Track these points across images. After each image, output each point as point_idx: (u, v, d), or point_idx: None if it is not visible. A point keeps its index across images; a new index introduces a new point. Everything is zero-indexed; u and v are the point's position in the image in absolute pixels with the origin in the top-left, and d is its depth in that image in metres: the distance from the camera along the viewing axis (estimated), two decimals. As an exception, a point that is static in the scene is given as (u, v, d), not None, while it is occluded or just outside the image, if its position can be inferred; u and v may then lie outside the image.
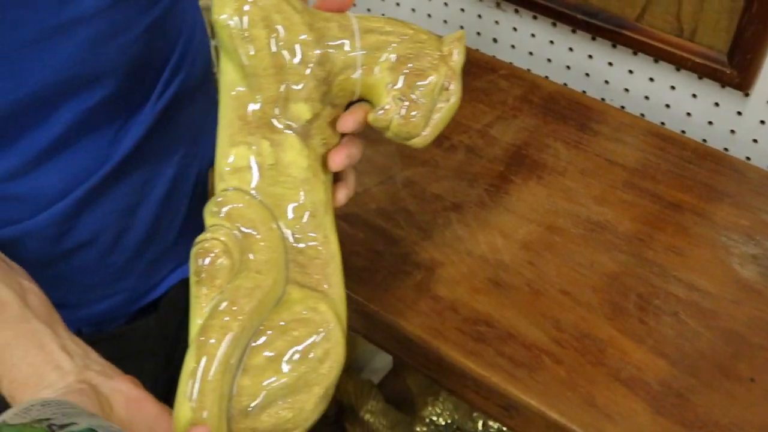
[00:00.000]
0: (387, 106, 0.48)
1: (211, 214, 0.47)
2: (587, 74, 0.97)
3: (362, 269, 0.73)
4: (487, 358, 0.66)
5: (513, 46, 1.01)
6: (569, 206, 0.78)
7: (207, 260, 0.45)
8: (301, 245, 0.48)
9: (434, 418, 1.23)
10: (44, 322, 0.56)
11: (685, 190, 0.80)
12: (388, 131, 0.49)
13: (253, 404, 0.44)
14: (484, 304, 0.70)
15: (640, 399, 0.64)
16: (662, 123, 0.93)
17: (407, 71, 0.47)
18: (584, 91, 0.97)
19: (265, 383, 0.45)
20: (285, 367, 0.45)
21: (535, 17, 0.97)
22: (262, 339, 0.45)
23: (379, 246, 0.75)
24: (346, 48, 0.47)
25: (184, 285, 0.86)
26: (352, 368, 1.40)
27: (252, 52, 0.46)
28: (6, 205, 0.70)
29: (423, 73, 0.47)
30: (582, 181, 0.81)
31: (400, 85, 0.47)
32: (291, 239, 0.48)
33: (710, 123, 0.90)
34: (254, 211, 0.47)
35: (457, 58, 0.49)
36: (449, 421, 1.23)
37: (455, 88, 0.49)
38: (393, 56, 0.48)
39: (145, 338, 0.84)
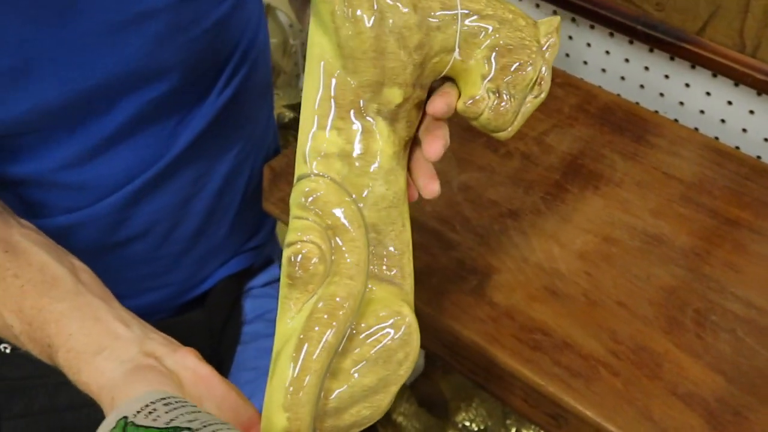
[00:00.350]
0: (478, 97, 0.45)
1: (299, 205, 0.45)
2: (642, 86, 0.97)
3: (418, 272, 0.72)
4: (543, 367, 0.66)
5: (567, 55, 1.01)
6: (626, 218, 0.78)
7: (302, 266, 0.44)
8: (381, 237, 0.47)
9: (467, 424, 1.23)
10: (97, 295, 0.57)
11: (742, 206, 0.79)
12: (475, 121, 0.47)
13: (338, 406, 0.45)
14: (540, 312, 0.70)
15: (697, 415, 0.64)
16: (716, 138, 0.93)
17: (505, 63, 0.45)
18: (638, 103, 0.97)
19: (351, 386, 0.45)
20: (369, 371, 0.45)
21: (592, 26, 0.96)
22: (350, 343, 0.45)
23: (434, 249, 0.75)
24: (446, 31, 0.45)
25: (231, 280, 0.87)
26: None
27: (353, 34, 0.43)
28: (66, 193, 0.71)
29: (520, 68, 0.45)
30: (638, 193, 0.80)
31: (495, 76, 0.45)
32: (372, 232, 0.47)
33: (766, 140, 0.90)
34: (346, 207, 0.45)
35: (552, 50, 0.47)
36: (482, 427, 1.22)
37: (546, 83, 0.47)
38: (492, 45, 0.45)
39: (191, 332, 0.85)
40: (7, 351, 0.80)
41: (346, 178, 0.46)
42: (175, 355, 0.52)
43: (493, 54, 0.45)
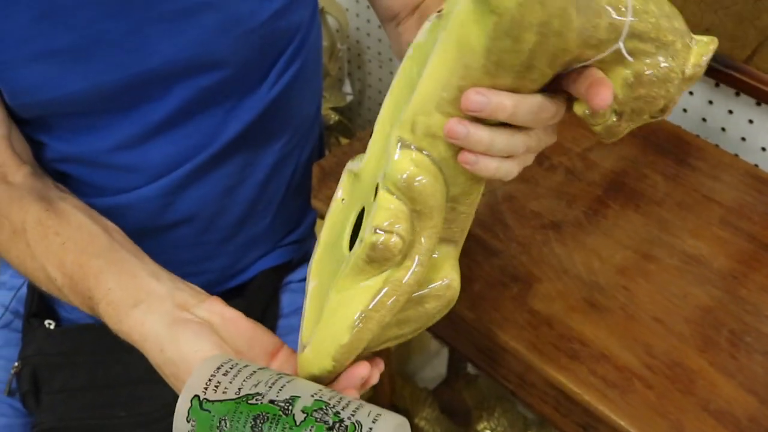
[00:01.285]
0: (601, 112, 0.43)
1: (397, 181, 0.44)
2: (685, 110, 0.99)
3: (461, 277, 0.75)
4: (580, 376, 0.68)
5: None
6: (665, 237, 0.80)
7: (384, 255, 0.45)
8: (457, 205, 0.48)
9: (488, 432, 1.24)
10: (130, 252, 0.61)
11: (780, 233, 0.81)
12: (591, 125, 0.46)
13: (369, 347, 0.50)
14: (578, 322, 0.72)
15: (729, 432, 0.65)
16: (756, 165, 0.94)
17: (641, 94, 0.43)
18: (680, 126, 0.98)
19: (388, 335, 0.50)
20: (408, 327, 0.50)
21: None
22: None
23: (477, 256, 0.77)
24: (601, 49, 0.41)
25: (271, 273, 0.89)
26: (406, 374, 1.42)
27: (509, 50, 0.40)
28: (117, 174, 0.74)
29: (653, 100, 0.43)
30: (678, 214, 0.82)
31: (625, 101, 0.43)
32: (450, 202, 0.47)
33: (806, 170, 0.91)
34: (438, 194, 0.45)
35: (695, 76, 0.44)
36: (502, 437, 1.24)
37: (671, 109, 0.45)
38: (637, 71, 0.42)
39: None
40: (51, 327, 0.82)
41: (444, 161, 0.45)
42: (204, 305, 0.57)
43: (633, 80, 0.42)
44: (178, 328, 0.54)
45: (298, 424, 0.42)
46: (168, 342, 0.53)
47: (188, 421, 0.44)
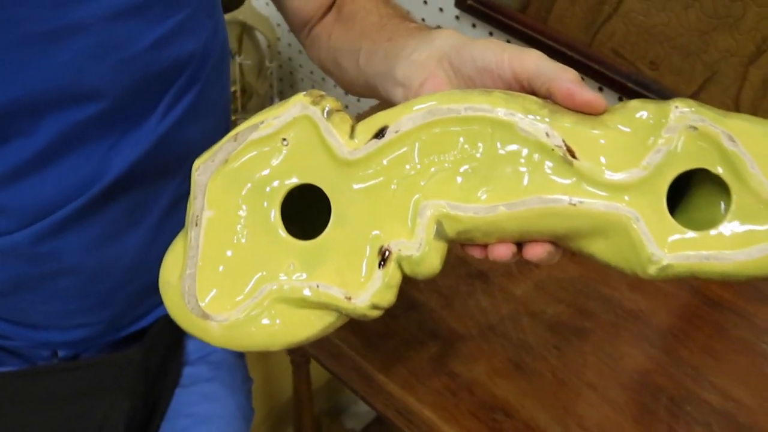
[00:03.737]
0: None
1: (418, 273, 0.44)
2: (628, 145, 0.92)
3: (375, 333, 0.67)
4: (501, 452, 0.60)
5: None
6: (602, 289, 0.73)
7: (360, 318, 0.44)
8: None
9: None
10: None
11: (725, 286, 0.74)
12: None
13: None
14: (503, 388, 0.64)
15: None
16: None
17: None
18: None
19: None
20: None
21: (582, 79, 0.91)
22: None
23: (394, 309, 0.69)
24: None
25: (171, 319, 0.80)
26: (333, 413, 1.34)
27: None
28: None
29: None
30: (617, 263, 0.75)
31: None
32: None
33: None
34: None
35: None
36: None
37: None
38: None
39: (126, 370, 0.78)
40: None
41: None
42: None
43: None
44: None
45: None
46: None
47: None
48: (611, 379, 0.66)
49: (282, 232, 0.46)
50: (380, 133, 0.44)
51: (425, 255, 0.42)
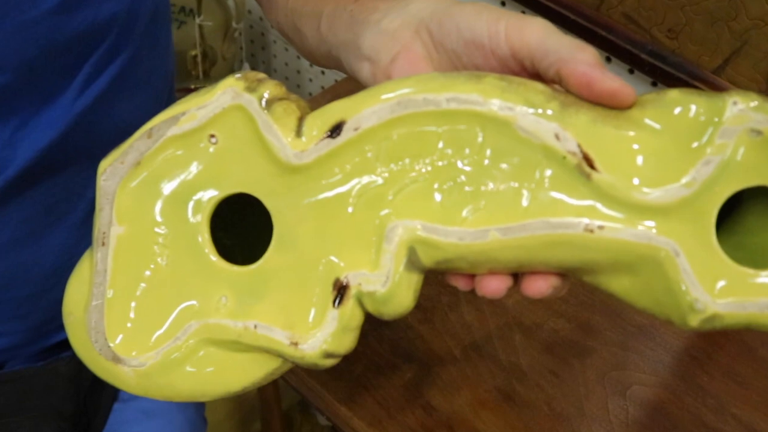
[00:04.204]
0: None
1: (383, 313, 0.35)
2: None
3: (338, 355, 0.56)
4: (486, 507, 0.50)
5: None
6: (608, 300, 0.62)
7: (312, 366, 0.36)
8: None
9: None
10: None
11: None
12: None
13: None
14: (489, 424, 0.54)
15: None
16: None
17: None
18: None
19: None
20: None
21: (586, 48, 0.80)
22: None
23: (362, 325, 0.58)
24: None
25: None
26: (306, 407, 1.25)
27: None
28: None
29: None
30: (626, 267, 0.64)
31: None
32: None
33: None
34: None
35: None
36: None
37: None
38: None
39: (54, 385, 0.69)
40: None
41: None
42: None
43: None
44: None
45: None
46: None
47: None
48: (618, 411, 0.56)
49: (212, 255, 0.37)
50: (335, 130, 0.35)
51: (393, 291, 0.33)
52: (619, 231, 0.31)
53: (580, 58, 0.33)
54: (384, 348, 0.57)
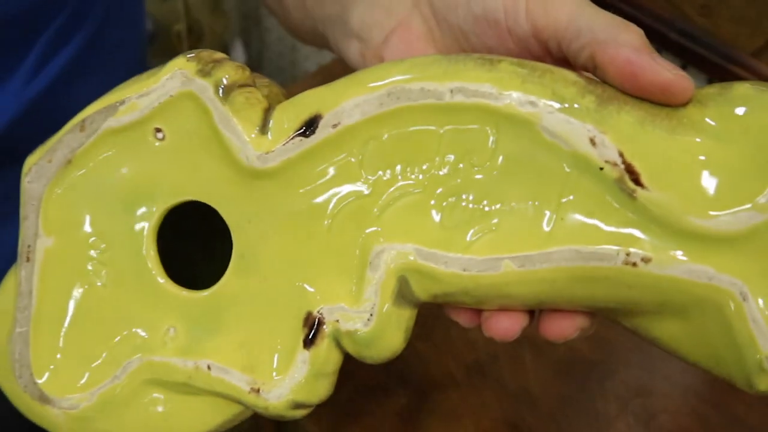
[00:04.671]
0: None
1: (366, 357, 0.29)
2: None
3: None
4: None
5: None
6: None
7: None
8: None
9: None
10: None
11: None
12: None
13: None
14: (494, 462, 0.47)
15: None
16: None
17: None
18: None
19: None
20: None
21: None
22: None
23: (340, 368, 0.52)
24: None
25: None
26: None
27: None
28: None
29: None
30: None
31: None
32: None
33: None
34: None
35: None
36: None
37: None
38: None
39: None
40: None
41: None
42: None
43: None
44: None
45: None
46: None
47: None
48: (642, 444, 0.49)
49: (159, 275, 0.31)
50: (309, 127, 0.28)
51: (378, 332, 0.28)
52: (670, 266, 0.25)
53: (622, 39, 0.26)
54: (375, 369, 0.51)
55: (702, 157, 0.25)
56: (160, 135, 0.31)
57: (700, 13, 0.67)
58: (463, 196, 0.27)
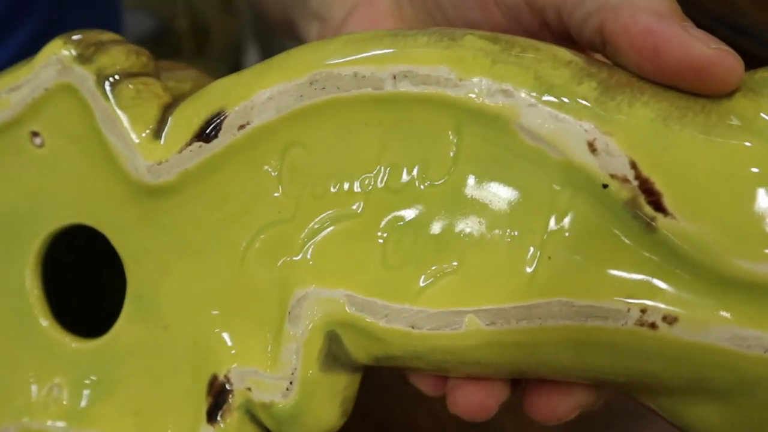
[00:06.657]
0: None
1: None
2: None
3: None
4: None
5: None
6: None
7: None
8: None
9: None
10: None
11: None
12: None
13: None
14: None
15: None
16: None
17: None
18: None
19: None
20: None
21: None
22: None
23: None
24: None
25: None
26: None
27: None
28: None
29: None
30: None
31: None
32: None
33: None
34: None
35: None
36: None
37: None
38: None
39: None
40: None
41: None
42: None
43: None
44: None
45: None
46: None
47: None
48: None
49: (42, 317, 0.27)
50: (210, 129, 0.22)
51: (302, 405, 0.23)
52: (706, 329, 0.18)
53: (639, 3, 0.19)
54: (351, 420, 0.44)
55: (755, 170, 0.18)
56: (37, 140, 0.25)
57: (756, 4, 0.60)
58: (414, 221, 0.20)
